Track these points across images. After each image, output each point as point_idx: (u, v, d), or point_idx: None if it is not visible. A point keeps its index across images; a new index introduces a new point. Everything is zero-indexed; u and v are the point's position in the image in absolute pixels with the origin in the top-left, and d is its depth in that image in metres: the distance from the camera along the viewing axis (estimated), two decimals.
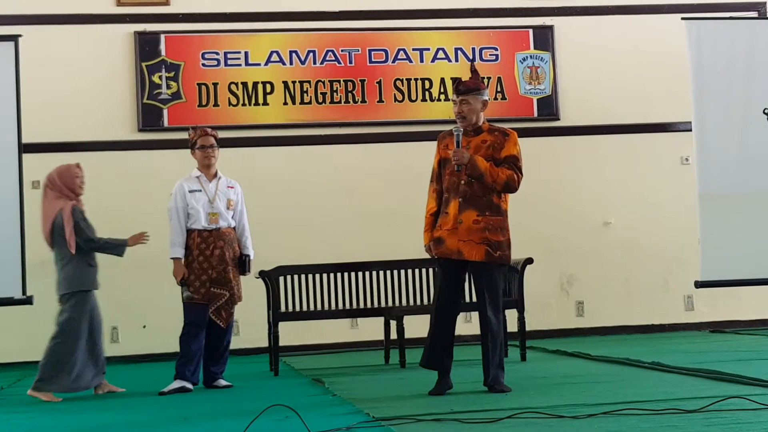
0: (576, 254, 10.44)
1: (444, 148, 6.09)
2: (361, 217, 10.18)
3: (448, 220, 5.98)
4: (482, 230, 5.91)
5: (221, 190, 6.97)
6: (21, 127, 8.08)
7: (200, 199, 6.88)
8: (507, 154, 5.99)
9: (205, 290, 6.80)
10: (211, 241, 6.84)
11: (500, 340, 6.00)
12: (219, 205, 6.90)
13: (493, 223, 5.95)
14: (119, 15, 10.07)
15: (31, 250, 8.10)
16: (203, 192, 6.91)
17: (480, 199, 5.94)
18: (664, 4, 10.64)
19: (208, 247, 6.83)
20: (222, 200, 6.93)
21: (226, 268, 6.86)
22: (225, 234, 6.90)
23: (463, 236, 5.92)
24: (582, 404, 5.03)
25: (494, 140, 6.03)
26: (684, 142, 9.81)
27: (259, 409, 4.91)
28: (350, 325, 10.00)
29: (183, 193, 6.89)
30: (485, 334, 5.94)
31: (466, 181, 5.94)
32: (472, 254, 5.92)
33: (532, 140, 10.21)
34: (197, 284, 6.80)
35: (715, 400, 4.80)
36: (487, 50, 10.49)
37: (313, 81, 10.25)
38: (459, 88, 6.04)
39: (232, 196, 7.01)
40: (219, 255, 6.84)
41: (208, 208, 6.87)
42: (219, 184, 7.00)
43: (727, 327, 10.36)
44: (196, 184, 6.94)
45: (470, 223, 5.92)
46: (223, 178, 7.06)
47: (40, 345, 9.74)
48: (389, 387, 6.62)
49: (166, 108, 10.04)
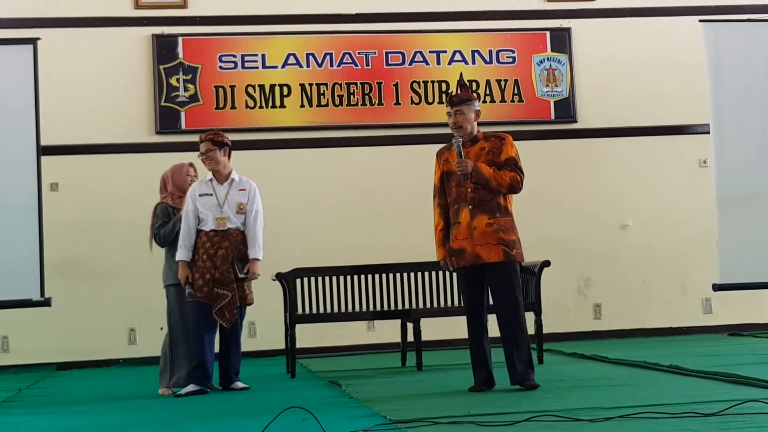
0: (593, 257, 10.42)
1: (444, 163, 6.28)
2: (378, 220, 10.19)
3: (461, 229, 6.14)
4: (496, 232, 6.09)
5: (232, 194, 6.95)
6: (39, 130, 8.13)
7: (209, 203, 6.87)
8: (506, 156, 6.18)
9: (208, 289, 6.77)
10: (217, 241, 6.82)
11: (525, 337, 6.12)
12: (227, 210, 6.88)
13: (504, 223, 6.14)
14: (137, 18, 10.11)
15: (50, 252, 8.16)
16: (213, 196, 6.90)
17: (489, 203, 6.12)
18: (682, 6, 10.59)
19: (213, 246, 6.81)
20: (232, 204, 6.91)
21: (230, 269, 6.82)
22: (231, 235, 6.87)
23: (479, 240, 6.08)
24: (599, 407, 5.02)
25: (491, 146, 6.20)
26: (702, 144, 9.79)
27: (276, 411, 4.91)
28: (367, 328, 10.00)
29: (194, 197, 6.90)
30: (508, 333, 6.07)
31: (473, 188, 6.11)
32: (490, 256, 6.08)
33: (549, 143, 10.22)
34: (200, 283, 6.77)
35: (733, 403, 4.77)
36: (504, 52, 10.48)
37: (330, 83, 10.26)
38: (453, 99, 6.24)
39: (243, 200, 6.96)
40: (223, 255, 6.80)
41: (216, 212, 6.86)
42: (231, 187, 6.97)
43: (745, 330, 10.31)
44: (208, 187, 6.93)
45: (483, 227, 6.09)
46: (236, 180, 7.02)
47: (58, 347, 9.82)
48: (406, 389, 6.62)
49: (183, 110, 10.07)
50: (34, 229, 7.98)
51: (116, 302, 9.60)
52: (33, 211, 8.01)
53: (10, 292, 7.99)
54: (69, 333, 9.69)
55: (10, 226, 7.99)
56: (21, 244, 7.95)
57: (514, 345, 6.06)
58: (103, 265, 9.62)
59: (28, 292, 7.96)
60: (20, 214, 7.96)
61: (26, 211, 7.97)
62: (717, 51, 8.50)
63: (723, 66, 8.46)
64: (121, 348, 9.74)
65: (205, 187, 6.96)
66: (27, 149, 8.02)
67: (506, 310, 6.10)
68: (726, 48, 8.50)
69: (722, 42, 8.52)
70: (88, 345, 9.75)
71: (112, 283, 9.62)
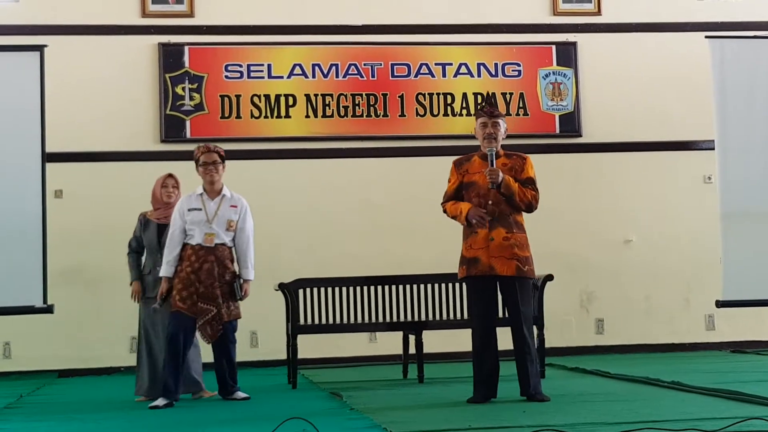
0: (596, 271, 10.41)
1: (465, 173, 6.37)
2: (382, 231, 10.18)
3: (478, 239, 6.24)
4: (512, 246, 6.23)
5: (223, 210, 6.81)
6: (45, 137, 8.14)
7: (198, 219, 6.73)
8: (527, 176, 6.34)
9: (191, 302, 6.65)
10: (202, 255, 6.69)
11: (534, 351, 6.30)
12: (215, 227, 6.74)
13: (520, 239, 6.27)
14: (144, 26, 10.13)
15: (53, 259, 8.15)
16: (203, 211, 6.75)
17: (507, 217, 6.26)
18: (688, 22, 10.60)
19: (198, 260, 6.68)
20: (221, 221, 6.77)
21: (214, 284, 6.67)
22: (218, 250, 6.73)
23: (495, 253, 6.21)
24: (600, 423, 5.01)
25: (513, 163, 6.36)
26: (706, 160, 9.78)
27: (277, 421, 4.91)
28: (369, 339, 9.99)
29: (182, 212, 6.78)
30: (521, 347, 6.20)
31: (494, 201, 6.22)
32: (503, 269, 6.20)
33: (553, 156, 10.22)
34: (184, 294, 6.65)
35: (735, 421, 4.76)
36: (510, 66, 10.49)
37: (336, 94, 10.27)
38: (493, 112, 6.37)
39: (233, 217, 6.81)
40: (208, 270, 6.67)
41: (205, 227, 6.73)
42: (222, 203, 6.82)
43: (747, 347, 10.29)
44: (197, 202, 6.80)
45: (500, 240, 6.22)
46: (228, 196, 6.86)
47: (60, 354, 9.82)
48: (407, 401, 6.61)
49: (188, 119, 10.09)
50: (37, 235, 7.99)
51: (118, 310, 9.57)
52: (37, 218, 8.01)
53: (13, 299, 7.99)
54: (71, 340, 9.70)
55: (14, 232, 7.99)
56: (25, 250, 7.96)
57: (524, 359, 6.17)
58: (106, 272, 9.61)
59: (30, 298, 7.96)
60: (24, 221, 7.96)
61: (30, 218, 7.97)
62: (723, 67, 8.49)
63: (728, 82, 8.46)
64: (123, 356, 9.73)
65: (195, 201, 6.81)
66: (32, 156, 8.03)
67: (518, 325, 6.22)
68: (732, 64, 8.50)
69: (728, 58, 8.52)
70: (90, 352, 9.75)
71: (114, 291, 9.58)
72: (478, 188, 6.27)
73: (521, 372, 6.20)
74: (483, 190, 6.25)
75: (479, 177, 6.28)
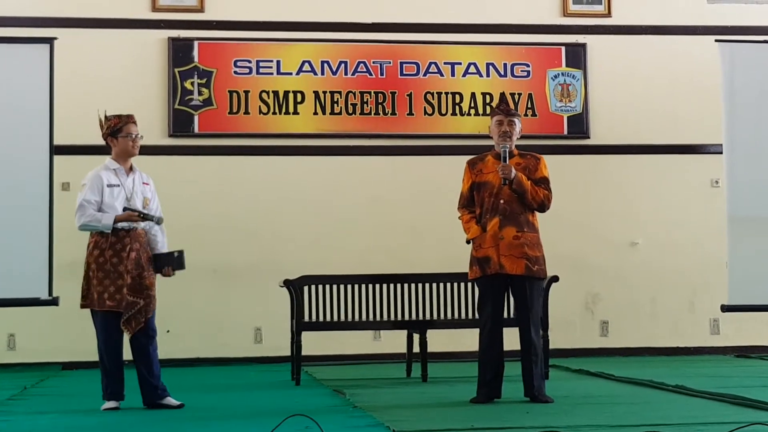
0: (602, 273, 10.39)
1: (478, 173, 6.37)
2: (387, 229, 10.18)
3: (487, 237, 6.25)
4: (522, 246, 6.22)
5: (138, 186, 6.26)
6: (53, 129, 8.15)
7: (118, 195, 6.15)
8: (540, 176, 6.35)
9: (121, 297, 6.09)
10: (127, 242, 6.11)
11: (541, 352, 6.32)
12: (136, 203, 6.19)
13: (531, 239, 6.26)
14: (154, 21, 10.14)
15: (59, 251, 8.15)
16: (121, 187, 6.19)
17: (518, 216, 6.25)
18: (699, 25, 10.58)
19: (124, 249, 6.10)
20: (139, 198, 6.23)
21: (143, 274, 6.14)
22: (140, 235, 6.19)
23: (505, 251, 6.21)
24: (604, 425, 5.01)
25: (527, 163, 6.36)
26: (714, 164, 9.76)
27: (280, 417, 4.91)
28: (373, 337, 9.99)
29: (100, 187, 6.13)
30: (527, 348, 6.21)
31: (507, 200, 6.22)
32: (513, 268, 6.20)
33: (561, 158, 10.19)
34: (112, 290, 6.09)
35: (738, 425, 4.75)
36: (519, 66, 10.48)
37: (344, 92, 10.27)
38: (510, 110, 6.40)
39: (147, 194, 6.30)
40: (135, 258, 6.12)
41: (125, 205, 6.15)
42: (136, 178, 6.29)
43: (752, 352, 10.27)
44: (114, 177, 6.20)
45: (510, 238, 6.21)
46: (138, 172, 6.34)
47: (64, 346, 9.83)
48: (410, 400, 6.61)
49: (197, 114, 10.09)
50: (44, 228, 7.99)
51: None
52: (44, 210, 8.01)
53: (19, 291, 7.99)
54: (75, 333, 9.66)
55: (21, 224, 7.99)
56: (31, 242, 7.96)
57: (530, 359, 6.18)
58: None
59: (36, 290, 7.96)
60: (31, 213, 7.96)
61: (37, 210, 7.97)
62: (732, 71, 8.47)
63: (737, 86, 8.43)
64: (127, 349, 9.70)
65: (113, 176, 6.22)
66: (40, 148, 8.03)
67: (525, 325, 6.22)
68: (741, 68, 8.48)
69: (738, 62, 8.49)
70: (94, 345, 9.67)
71: None
72: (491, 187, 6.27)
73: (526, 373, 6.21)
74: (496, 189, 6.26)
75: (493, 176, 6.29)
